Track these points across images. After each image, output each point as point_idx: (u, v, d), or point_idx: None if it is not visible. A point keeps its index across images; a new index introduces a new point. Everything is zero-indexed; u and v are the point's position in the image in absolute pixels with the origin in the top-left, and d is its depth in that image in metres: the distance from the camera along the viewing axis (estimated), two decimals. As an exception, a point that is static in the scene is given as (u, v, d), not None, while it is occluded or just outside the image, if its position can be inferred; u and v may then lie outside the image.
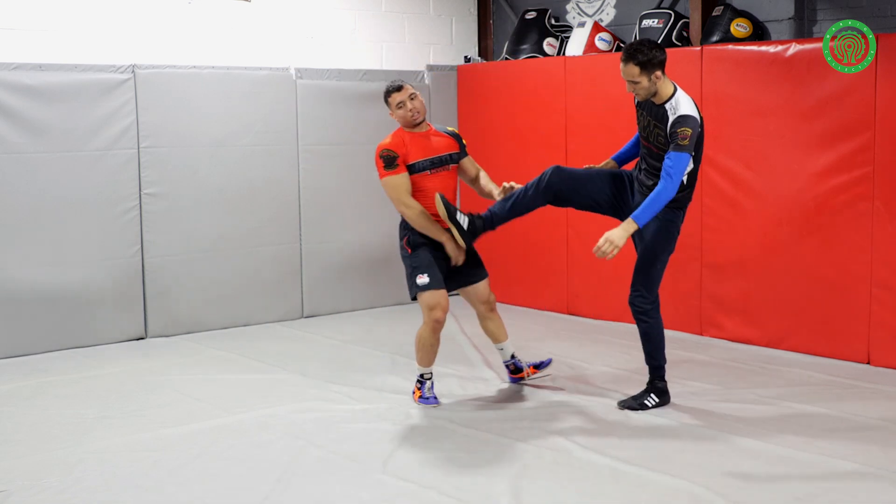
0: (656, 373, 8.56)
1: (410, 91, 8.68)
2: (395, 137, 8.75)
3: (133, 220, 11.15)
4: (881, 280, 9.65)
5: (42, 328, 10.80)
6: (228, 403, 8.84)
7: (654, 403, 8.44)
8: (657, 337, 8.52)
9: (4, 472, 7.19)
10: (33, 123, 10.61)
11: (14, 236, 10.58)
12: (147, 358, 10.51)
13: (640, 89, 8.06)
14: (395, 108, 8.70)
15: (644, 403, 8.44)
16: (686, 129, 7.86)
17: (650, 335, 8.51)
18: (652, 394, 8.50)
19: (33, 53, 10.82)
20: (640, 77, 7.99)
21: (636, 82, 8.02)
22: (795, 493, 6.59)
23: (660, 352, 8.55)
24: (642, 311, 8.47)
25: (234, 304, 11.97)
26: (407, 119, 8.70)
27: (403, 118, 8.72)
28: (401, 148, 8.65)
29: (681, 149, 7.85)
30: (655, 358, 8.55)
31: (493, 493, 6.69)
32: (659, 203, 7.90)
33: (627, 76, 8.04)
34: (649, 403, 8.44)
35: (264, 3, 12.36)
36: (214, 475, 7.14)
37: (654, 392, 8.51)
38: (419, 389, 8.88)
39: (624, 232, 7.94)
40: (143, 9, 11.53)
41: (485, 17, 14.19)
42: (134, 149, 11.16)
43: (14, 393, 9.35)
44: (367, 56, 13.24)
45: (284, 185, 12.32)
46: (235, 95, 11.81)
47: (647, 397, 8.48)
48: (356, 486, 6.89)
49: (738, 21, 10.87)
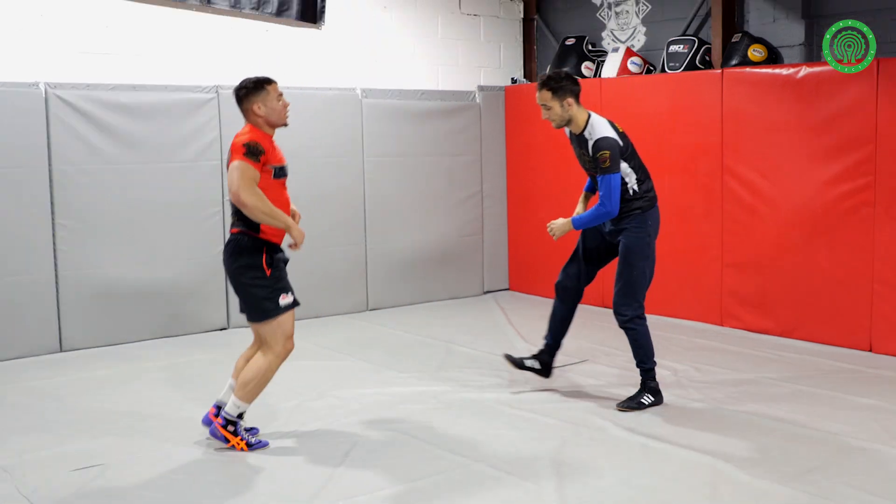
0: (648, 374, 8.16)
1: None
2: (258, 134, 7.09)
3: (216, 224, 11.23)
4: (882, 277, 9.67)
5: (135, 320, 10.90)
6: (301, 386, 8.87)
7: (651, 402, 8.05)
8: (645, 342, 8.12)
9: (104, 448, 7.27)
10: (128, 138, 10.72)
11: (111, 238, 10.69)
12: (229, 346, 10.51)
13: (554, 115, 7.88)
14: (274, 98, 7.16)
15: (641, 402, 8.02)
16: (605, 153, 7.70)
17: (639, 341, 8.11)
18: (647, 393, 8.09)
19: (128, 75, 10.93)
20: (551, 102, 7.83)
21: (549, 107, 7.84)
22: (806, 465, 6.63)
23: (649, 356, 8.14)
24: (627, 319, 8.07)
25: (307, 297, 11.94)
26: (283, 117, 7.23)
27: (280, 114, 7.19)
28: (267, 147, 7.08)
29: (606, 171, 7.71)
30: (643, 360, 8.14)
31: (535, 466, 6.73)
32: (597, 219, 7.93)
33: (540, 101, 7.87)
34: (646, 402, 8.03)
35: (333, 30, 12.42)
36: (290, 449, 7.22)
37: (648, 392, 8.11)
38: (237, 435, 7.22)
39: (563, 226, 8.13)
40: (226, 35, 11.63)
41: (529, 42, 14.22)
42: (217, 160, 11.23)
43: (111, 377, 9.44)
44: (424, 77, 13.28)
45: (351, 192, 12.36)
46: (308, 113, 11.83)
47: (643, 396, 8.07)
48: (414, 459, 6.95)
49: (754, 47, 10.88)
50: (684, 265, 11.49)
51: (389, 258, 12.77)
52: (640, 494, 6.23)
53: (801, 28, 10.94)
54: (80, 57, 10.68)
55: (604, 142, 7.76)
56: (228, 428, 7.19)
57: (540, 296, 13.27)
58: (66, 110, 10.32)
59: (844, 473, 6.50)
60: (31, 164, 10.14)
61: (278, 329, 7.14)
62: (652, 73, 12.22)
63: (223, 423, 7.21)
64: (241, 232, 7.15)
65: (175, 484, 6.57)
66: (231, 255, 7.17)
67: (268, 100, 7.15)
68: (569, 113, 7.89)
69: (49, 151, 10.26)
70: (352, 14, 12.60)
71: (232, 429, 7.19)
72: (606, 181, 7.74)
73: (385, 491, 6.35)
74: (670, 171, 11.46)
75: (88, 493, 6.41)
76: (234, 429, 7.19)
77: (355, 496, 6.27)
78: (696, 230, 11.30)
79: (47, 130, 10.24)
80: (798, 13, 10.95)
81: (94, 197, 10.56)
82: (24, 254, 10.18)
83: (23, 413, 8.25)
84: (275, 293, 7.13)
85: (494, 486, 6.42)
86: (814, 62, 10.55)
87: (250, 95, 7.17)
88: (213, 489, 6.47)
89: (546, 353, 8.65)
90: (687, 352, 10.01)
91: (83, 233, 10.51)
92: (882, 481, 6.35)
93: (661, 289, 11.70)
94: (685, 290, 11.52)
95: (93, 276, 10.59)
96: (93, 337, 10.65)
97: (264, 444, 7.26)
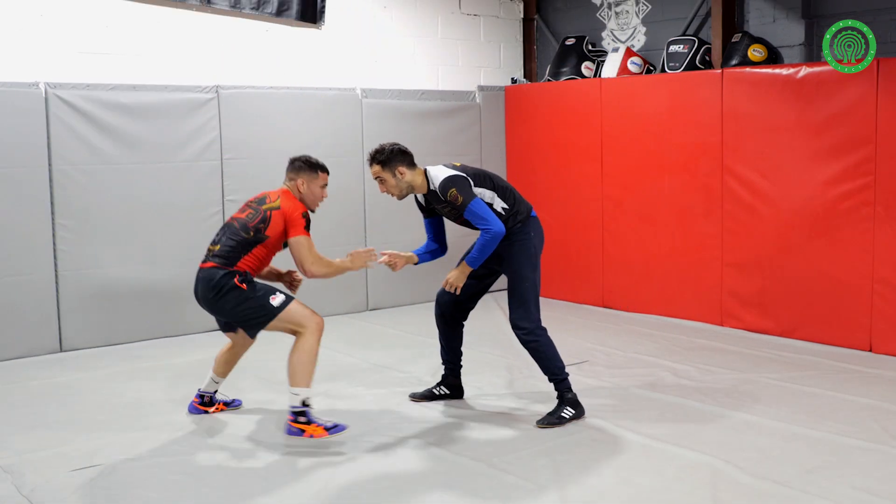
0: (562, 385, 7.77)
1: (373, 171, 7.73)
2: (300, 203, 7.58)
3: (217, 224, 11.13)
4: (882, 277, 9.67)
5: (136, 319, 10.91)
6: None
7: (571, 415, 7.66)
8: (548, 353, 7.74)
9: (102, 448, 7.26)
10: (128, 138, 10.72)
11: (111, 238, 10.70)
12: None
13: (390, 186, 7.69)
14: (319, 186, 7.70)
15: (562, 416, 7.63)
16: (453, 191, 7.48)
17: (540, 352, 7.73)
18: (567, 406, 7.71)
19: (128, 75, 10.94)
20: (384, 173, 7.63)
21: (383, 179, 7.66)
22: (806, 466, 6.63)
23: (559, 367, 7.76)
24: (526, 332, 7.71)
25: (307, 297, 11.96)
26: (315, 204, 7.74)
27: (314, 201, 7.74)
28: None
29: (465, 205, 7.45)
30: (554, 373, 7.76)
31: (535, 466, 6.74)
32: (488, 246, 7.51)
33: (374, 174, 7.70)
34: (566, 415, 7.64)
35: (333, 30, 12.44)
36: (288, 444, 7.24)
37: (567, 404, 7.72)
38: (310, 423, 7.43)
39: (461, 272, 7.75)
40: (226, 35, 11.64)
41: (529, 42, 14.23)
42: (217, 160, 11.27)
43: (113, 376, 9.46)
44: (424, 78, 13.29)
45: (351, 192, 12.36)
46: (308, 113, 11.89)
47: (562, 410, 7.67)
48: (414, 459, 6.96)
49: (754, 47, 10.88)
50: (684, 265, 11.50)
51: (390, 258, 12.71)
52: (640, 494, 6.23)
53: (801, 28, 10.95)
54: (80, 57, 10.69)
55: (449, 181, 7.55)
56: (300, 420, 7.37)
57: (540, 296, 13.27)
58: (66, 110, 10.32)
59: (844, 473, 6.50)
60: (31, 164, 10.15)
61: (293, 316, 7.46)
62: (652, 73, 12.23)
63: (293, 418, 7.38)
64: (214, 266, 7.51)
65: (175, 484, 6.57)
66: (206, 288, 7.50)
67: (314, 185, 7.67)
68: (404, 181, 7.68)
69: (49, 151, 10.26)
70: (352, 14, 12.61)
71: (303, 419, 7.36)
72: (470, 212, 7.48)
73: (385, 491, 6.35)
74: (670, 171, 11.47)
75: (88, 493, 6.41)
76: (306, 418, 7.37)
77: (355, 496, 6.28)
78: (696, 230, 11.31)
79: (47, 130, 10.24)
80: (798, 13, 10.95)
81: (94, 197, 10.56)
82: (24, 254, 10.19)
83: (23, 413, 8.25)
84: (263, 298, 7.43)
85: (494, 485, 6.42)
86: (814, 62, 10.56)
87: (303, 171, 7.66)
88: (213, 489, 6.47)
89: (450, 375, 8.46)
90: (687, 352, 10.01)
91: (83, 233, 10.51)
92: (882, 481, 6.35)
93: (661, 289, 11.74)
94: (685, 290, 11.53)
95: (93, 276, 10.60)
96: (93, 337, 10.65)
97: (342, 428, 7.45)
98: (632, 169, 11.95)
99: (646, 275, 11.94)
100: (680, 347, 10.21)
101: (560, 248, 12.84)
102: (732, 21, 11.50)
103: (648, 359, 9.75)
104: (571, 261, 12.92)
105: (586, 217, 12.61)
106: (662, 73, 11.75)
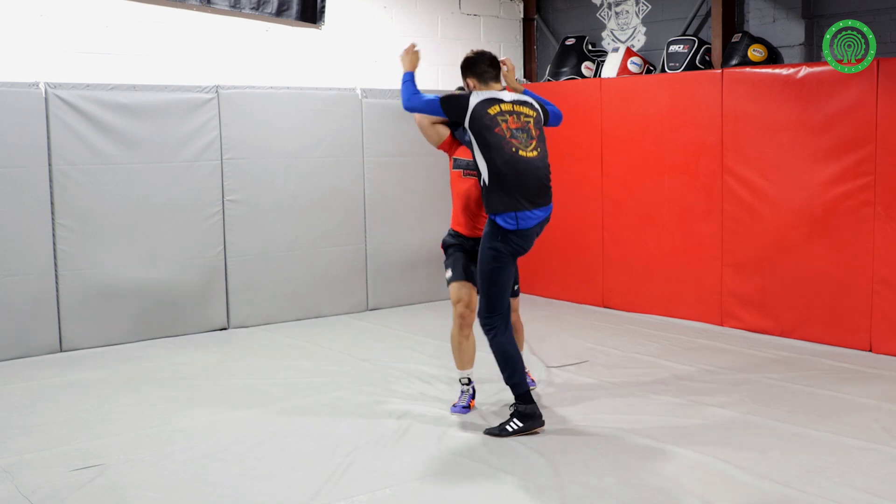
0: (516, 390, 7.49)
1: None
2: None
3: (217, 224, 11.25)
4: (882, 277, 9.67)
5: (136, 319, 10.90)
6: (301, 386, 8.90)
7: (516, 429, 7.37)
8: (508, 354, 7.48)
9: (102, 448, 7.26)
10: (128, 138, 10.71)
11: (111, 238, 10.68)
12: (229, 346, 10.58)
13: None
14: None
15: (505, 429, 7.37)
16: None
17: (501, 351, 7.48)
18: (515, 419, 7.42)
19: (128, 75, 10.94)
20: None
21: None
22: (806, 466, 6.64)
23: (514, 370, 7.49)
24: (490, 328, 7.48)
25: (307, 298, 12.04)
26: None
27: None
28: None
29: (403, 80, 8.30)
30: (511, 377, 7.48)
31: (533, 465, 6.76)
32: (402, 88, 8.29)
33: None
34: (510, 429, 7.36)
35: (333, 30, 12.44)
36: (289, 450, 7.20)
37: (516, 416, 7.42)
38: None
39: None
40: (226, 35, 11.64)
41: (529, 42, 14.24)
42: (217, 160, 11.27)
43: (111, 377, 9.44)
44: (424, 78, 13.21)
45: (351, 192, 12.36)
46: (308, 113, 11.89)
47: (510, 422, 7.40)
48: (414, 458, 6.96)
49: (754, 47, 10.89)
50: (684, 265, 11.50)
51: (389, 258, 12.78)
52: (640, 494, 6.23)
53: (801, 28, 10.95)
54: (80, 57, 10.69)
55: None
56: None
57: (541, 296, 13.29)
58: (66, 110, 10.32)
59: (844, 473, 6.50)
60: (31, 164, 10.14)
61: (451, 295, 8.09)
62: (652, 73, 12.23)
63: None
64: None
65: (175, 484, 6.57)
66: None
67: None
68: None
69: (49, 151, 10.26)
70: (352, 14, 12.61)
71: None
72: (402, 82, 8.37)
73: (385, 491, 6.36)
74: (670, 171, 11.47)
75: (88, 493, 6.41)
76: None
77: (355, 496, 6.28)
78: (696, 230, 11.31)
79: (47, 130, 10.24)
80: (798, 13, 10.95)
81: (94, 197, 10.55)
82: (24, 254, 10.18)
83: (23, 413, 8.25)
84: (446, 269, 8.16)
85: (495, 485, 6.43)
86: (814, 62, 10.56)
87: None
88: (213, 489, 6.47)
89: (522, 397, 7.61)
90: (687, 352, 10.01)
91: (83, 233, 10.51)
92: (882, 481, 6.36)
93: (662, 289, 11.73)
94: (685, 290, 11.52)
95: (93, 276, 10.59)
96: (93, 337, 10.64)
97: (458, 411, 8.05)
98: (632, 169, 11.96)
99: (646, 275, 11.94)
100: (680, 347, 10.21)
101: (560, 248, 12.85)
102: (732, 21, 11.50)
103: (648, 359, 9.76)
104: (571, 261, 12.92)
105: (586, 217, 12.61)
106: (662, 73, 11.75)
